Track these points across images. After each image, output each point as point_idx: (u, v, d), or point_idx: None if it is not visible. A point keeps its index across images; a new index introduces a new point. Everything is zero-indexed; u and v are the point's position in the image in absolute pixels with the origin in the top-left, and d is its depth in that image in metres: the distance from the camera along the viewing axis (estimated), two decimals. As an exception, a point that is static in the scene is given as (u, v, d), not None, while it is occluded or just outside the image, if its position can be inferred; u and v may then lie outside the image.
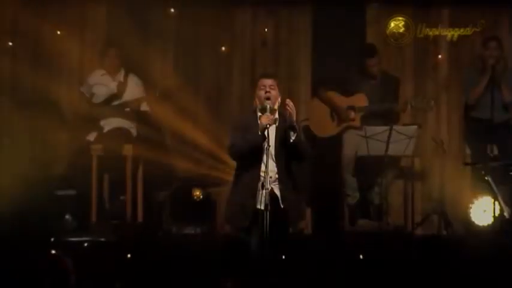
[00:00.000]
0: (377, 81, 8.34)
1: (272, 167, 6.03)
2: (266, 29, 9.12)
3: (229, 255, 6.50)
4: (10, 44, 8.94)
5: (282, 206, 6.06)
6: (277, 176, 6.07)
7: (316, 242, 7.70)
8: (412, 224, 8.37)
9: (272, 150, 6.01)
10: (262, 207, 5.83)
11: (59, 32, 8.90)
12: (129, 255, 6.93)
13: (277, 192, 6.09)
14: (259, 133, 5.97)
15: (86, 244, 7.18)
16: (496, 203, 7.52)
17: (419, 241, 7.83)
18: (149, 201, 8.44)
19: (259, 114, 6.13)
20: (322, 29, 9.00)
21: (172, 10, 9.02)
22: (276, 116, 6.13)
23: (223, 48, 9.09)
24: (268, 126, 5.95)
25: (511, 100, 8.09)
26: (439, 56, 9.02)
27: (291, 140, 6.01)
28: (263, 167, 5.96)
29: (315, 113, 8.48)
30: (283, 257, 6.37)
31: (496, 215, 7.53)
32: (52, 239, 7.35)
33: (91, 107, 8.33)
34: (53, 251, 6.56)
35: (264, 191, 5.85)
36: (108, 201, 8.41)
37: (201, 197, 8.42)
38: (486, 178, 7.59)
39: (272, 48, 9.15)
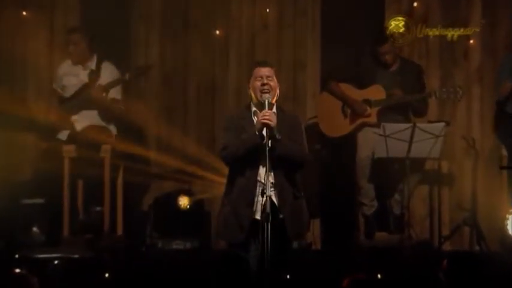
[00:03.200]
0: (395, 70, 8.31)
1: (269, 171, 5.89)
2: (268, 9, 9.10)
3: (224, 275, 6.47)
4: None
5: (280, 216, 5.95)
6: (275, 181, 5.97)
7: (326, 259, 7.68)
8: (439, 237, 8.37)
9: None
10: (261, 218, 5.77)
11: (24, 13, 8.89)
12: (107, 275, 6.90)
13: (275, 200, 5.98)
14: (256, 132, 5.90)
15: (56, 261, 7.16)
16: (538, 213, 7.54)
17: (448, 257, 7.79)
18: (130, 211, 8.42)
19: (254, 109, 6.05)
20: (333, 9, 8.97)
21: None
22: (274, 110, 6.02)
23: (217, 32, 9.06)
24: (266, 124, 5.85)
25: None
26: (471, 41, 8.98)
27: (276, 152, 5.89)
28: (261, 171, 5.91)
29: (324, 110, 8.45)
30: (288, 276, 6.33)
31: (538, 227, 7.55)
32: (17, 256, 7.33)
33: (61, 103, 8.30)
34: (18, 270, 6.53)
35: (264, 199, 5.76)
36: (82, 212, 8.39)
37: (188, 206, 8.39)
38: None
39: (274, 32, 9.12)
